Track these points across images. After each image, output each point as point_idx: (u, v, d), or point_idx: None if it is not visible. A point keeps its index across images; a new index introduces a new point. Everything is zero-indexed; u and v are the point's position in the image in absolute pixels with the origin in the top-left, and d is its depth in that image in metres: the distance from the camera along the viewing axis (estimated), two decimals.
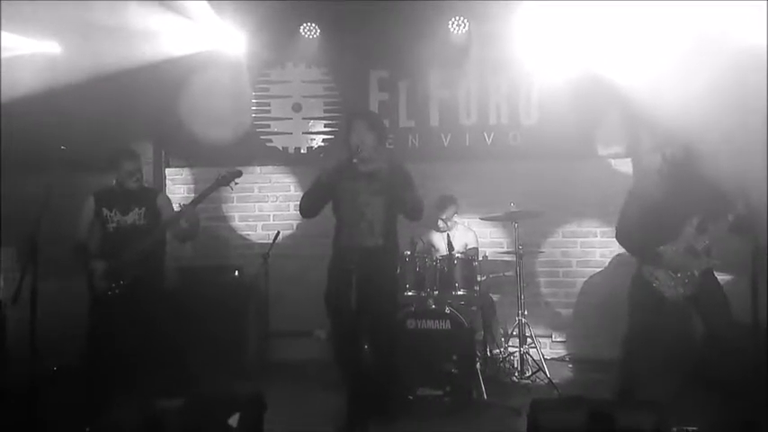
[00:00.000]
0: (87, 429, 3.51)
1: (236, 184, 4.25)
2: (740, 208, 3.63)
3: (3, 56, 5.23)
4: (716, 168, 3.80)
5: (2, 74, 5.05)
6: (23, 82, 5.15)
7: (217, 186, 4.24)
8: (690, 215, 3.72)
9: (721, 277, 3.89)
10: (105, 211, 4.27)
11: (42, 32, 5.41)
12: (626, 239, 3.92)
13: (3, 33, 5.19)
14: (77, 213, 4.32)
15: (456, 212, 5.35)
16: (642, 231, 3.77)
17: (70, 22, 5.26)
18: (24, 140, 5.35)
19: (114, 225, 4.26)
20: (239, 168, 4.29)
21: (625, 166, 5.84)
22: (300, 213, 3.99)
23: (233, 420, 3.00)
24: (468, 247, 5.27)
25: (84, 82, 5.26)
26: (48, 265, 3.77)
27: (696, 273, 3.70)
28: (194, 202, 4.23)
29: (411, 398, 4.19)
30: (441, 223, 5.28)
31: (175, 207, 4.41)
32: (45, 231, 3.74)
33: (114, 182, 4.34)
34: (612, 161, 5.88)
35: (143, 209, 4.28)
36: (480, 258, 5.10)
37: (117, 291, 4.15)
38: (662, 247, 3.73)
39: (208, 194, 4.26)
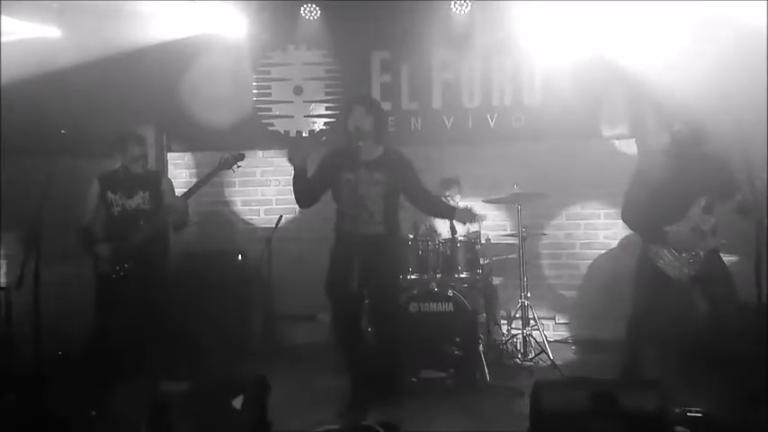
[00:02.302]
0: (93, 413, 3.54)
1: (238, 167, 4.25)
2: (746, 189, 3.60)
3: (2, 40, 5.20)
4: (723, 148, 3.77)
5: (1, 58, 5.03)
6: (23, 66, 5.13)
7: (219, 170, 4.23)
8: (696, 195, 3.69)
9: (727, 258, 3.88)
10: (110, 194, 4.28)
11: (42, 16, 5.37)
12: (632, 220, 3.90)
13: (2, 17, 5.15)
14: (82, 197, 4.33)
15: (459, 194, 5.32)
16: (648, 211, 3.75)
17: (69, 5, 5.23)
18: (25, 125, 5.35)
19: (119, 209, 4.26)
20: (241, 152, 4.29)
21: (629, 147, 5.79)
22: (298, 205, 3.97)
23: (237, 402, 3.01)
24: (471, 230, 5.26)
25: (83, 66, 5.24)
26: (51, 250, 3.78)
27: (702, 253, 3.69)
28: (197, 186, 4.25)
29: (415, 380, 4.20)
30: None
31: (178, 192, 4.41)
32: (47, 216, 3.75)
33: (118, 165, 4.33)
34: (616, 142, 5.83)
35: (147, 192, 4.28)
36: (483, 241, 5.09)
37: (122, 274, 4.17)
38: (668, 227, 3.71)
39: (210, 179, 4.26)
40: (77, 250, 4.35)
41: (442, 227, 5.10)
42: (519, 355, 4.91)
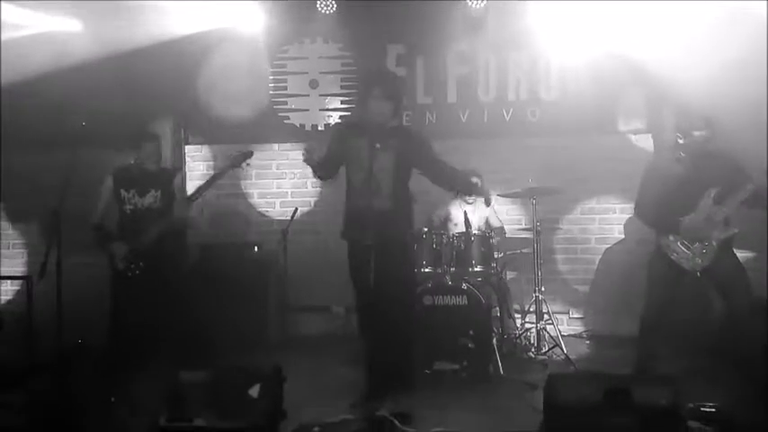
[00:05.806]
0: (113, 399, 3.61)
1: (247, 164, 4.26)
2: (758, 181, 3.59)
3: (24, 33, 5.28)
4: (737, 142, 3.75)
5: (23, 51, 5.11)
6: (44, 59, 5.21)
7: (228, 169, 4.25)
8: (708, 187, 3.69)
9: (741, 254, 3.86)
10: (123, 192, 4.29)
11: (62, 10, 5.44)
12: (644, 213, 3.90)
13: (23, 11, 5.24)
14: (96, 192, 4.37)
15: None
16: (661, 204, 3.75)
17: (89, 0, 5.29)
18: (45, 117, 5.43)
19: (131, 207, 4.27)
20: (251, 149, 4.31)
21: (646, 142, 5.75)
22: (317, 178, 4.03)
23: (253, 391, 3.06)
24: (494, 226, 5.22)
25: (103, 59, 5.31)
26: (72, 240, 3.85)
27: (714, 243, 3.68)
28: (205, 186, 4.25)
29: (428, 372, 4.23)
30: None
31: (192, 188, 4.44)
32: (68, 206, 3.81)
33: (133, 161, 4.37)
34: (633, 137, 5.79)
35: (159, 191, 4.28)
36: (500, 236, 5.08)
37: (137, 271, 4.21)
38: (680, 219, 3.71)
39: (219, 178, 4.27)
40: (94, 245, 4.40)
41: (459, 216, 5.09)
42: (533, 349, 4.92)
